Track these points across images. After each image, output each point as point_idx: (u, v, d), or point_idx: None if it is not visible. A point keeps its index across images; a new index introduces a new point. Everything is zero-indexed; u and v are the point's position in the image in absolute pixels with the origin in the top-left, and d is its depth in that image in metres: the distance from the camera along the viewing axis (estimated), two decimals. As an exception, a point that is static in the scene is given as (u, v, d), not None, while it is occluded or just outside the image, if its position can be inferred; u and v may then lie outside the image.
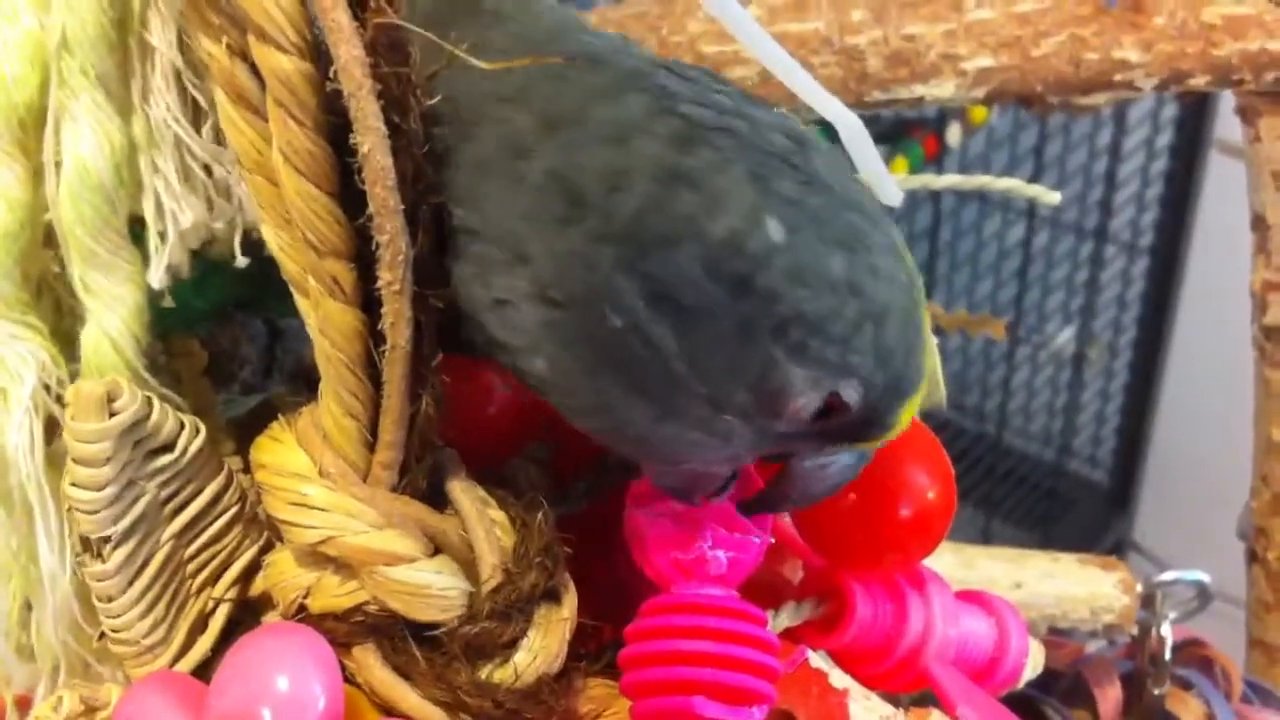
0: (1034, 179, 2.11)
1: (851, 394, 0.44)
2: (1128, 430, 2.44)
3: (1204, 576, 0.87)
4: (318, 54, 0.41)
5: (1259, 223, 0.88)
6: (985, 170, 2.20)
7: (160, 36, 0.45)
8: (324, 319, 0.45)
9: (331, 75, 0.41)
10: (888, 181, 0.58)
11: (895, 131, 1.79)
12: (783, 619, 0.57)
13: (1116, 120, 2.08)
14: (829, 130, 0.63)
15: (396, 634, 0.49)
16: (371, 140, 0.42)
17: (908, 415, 0.46)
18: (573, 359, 0.45)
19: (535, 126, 0.44)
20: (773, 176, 0.43)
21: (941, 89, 0.77)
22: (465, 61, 0.42)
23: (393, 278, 0.44)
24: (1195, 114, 2.07)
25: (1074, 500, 2.46)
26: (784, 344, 0.43)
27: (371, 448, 0.47)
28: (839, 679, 0.55)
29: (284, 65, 0.41)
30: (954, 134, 1.83)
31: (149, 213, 0.47)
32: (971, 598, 0.62)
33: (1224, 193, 2.15)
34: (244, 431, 0.54)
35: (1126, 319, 2.35)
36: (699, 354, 0.43)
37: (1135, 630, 0.88)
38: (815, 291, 0.42)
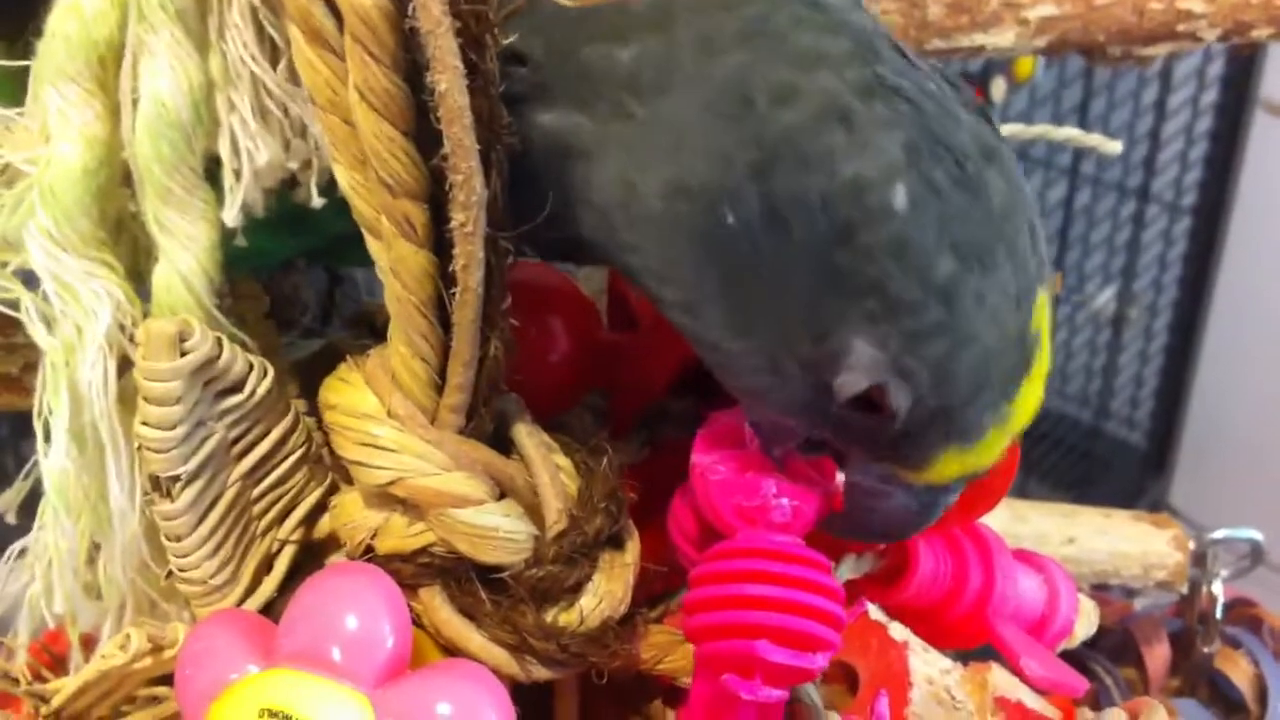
0: (1077, 137, 2.10)
1: (899, 398, 0.43)
2: (1166, 393, 2.42)
3: (1257, 535, 0.86)
4: (396, -10, 0.41)
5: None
6: (1028, 125, 2.18)
7: (236, -29, 0.45)
8: (396, 260, 0.45)
9: (410, 13, 0.41)
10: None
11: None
12: (844, 571, 0.57)
13: (1162, 78, 2.05)
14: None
15: (463, 576, 0.49)
16: (449, 79, 0.41)
17: (953, 468, 0.45)
18: (681, 249, 0.45)
19: (737, 32, 0.45)
20: (931, 158, 0.42)
21: (1002, 38, 0.75)
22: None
23: (466, 219, 0.44)
24: (1242, 72, 2.04)
25: (1110, 462, 2.45)
26: (859, 309, 0.42)
27: (439, 390, 0.47)
28: (899, 631, 0.55)
29: (363, 2, 0.40)
30: (998, 88, 1.81)
31: (224, 151, 0.46)
32: (1022, 557, 0.61)
33: (1269, 152, 2.13)
34: (306, 375, 0.54)
35: (1167, 279, 2.33)
36: (788, 281, 0.43)
37: (1186, 588, 0.87)
38: (908, 276, 0.42)
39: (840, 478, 0.50)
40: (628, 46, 0.46)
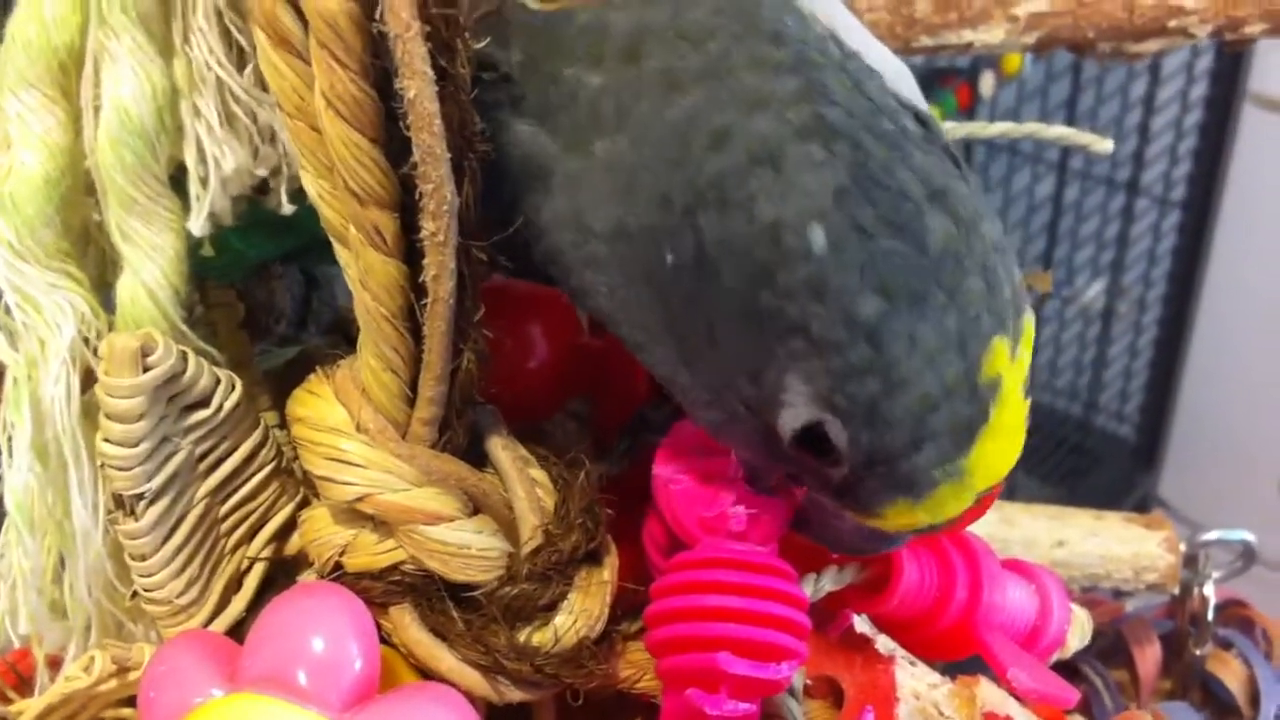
0: (1066, 130, 2.09)
1: (837, 434, 0.42)
2: (1155, 386, 2.42)
3: (1249, 536, 0.85)
4: (363, -6, 0.40)
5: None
6: (1017, 122, 2.18)
7: (200, -26, 0.43)
8: (365, 270, 0.44)
9: (377, 17, 0.40)
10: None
11: (928, 81, 1.77)
12: (825, 583, 0.55)
13: (1151, 72, 2.05)
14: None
15: (434, 594, 0.47)
16: (418, 85, 0.40)
17: (904, 519, 0.44)
18: (628, 290, 0.46)
19: (697, 69, 0.44)
20: (863, 200, 0.41)
21: (991, 34, 0.74)
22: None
23: (436, 228, 0.42)
24: (1231, 66, 2.04)
25: (1100, 456, 2.45)
26: (787, 348, 0.42)
27: (411, 403, 0.46)
28: (885, 644, 0.54)
29: (329, 5, 0.39)
30: (987, 84, 1.80)
31: (190, 158, 0.45)
32: (1014, 566, 0.60)
33: (1257, 146, 2.12)
34: (280, 384, 0.53)
35: (1156, 273, 2.33)
36: (724, 322, 0.43)
37: (1177, 590, 0.86)
38: (830, 316, 0.41)
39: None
40: (598, 73, 0.46)
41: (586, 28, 0.47)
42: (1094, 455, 2.44)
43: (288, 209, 0.46)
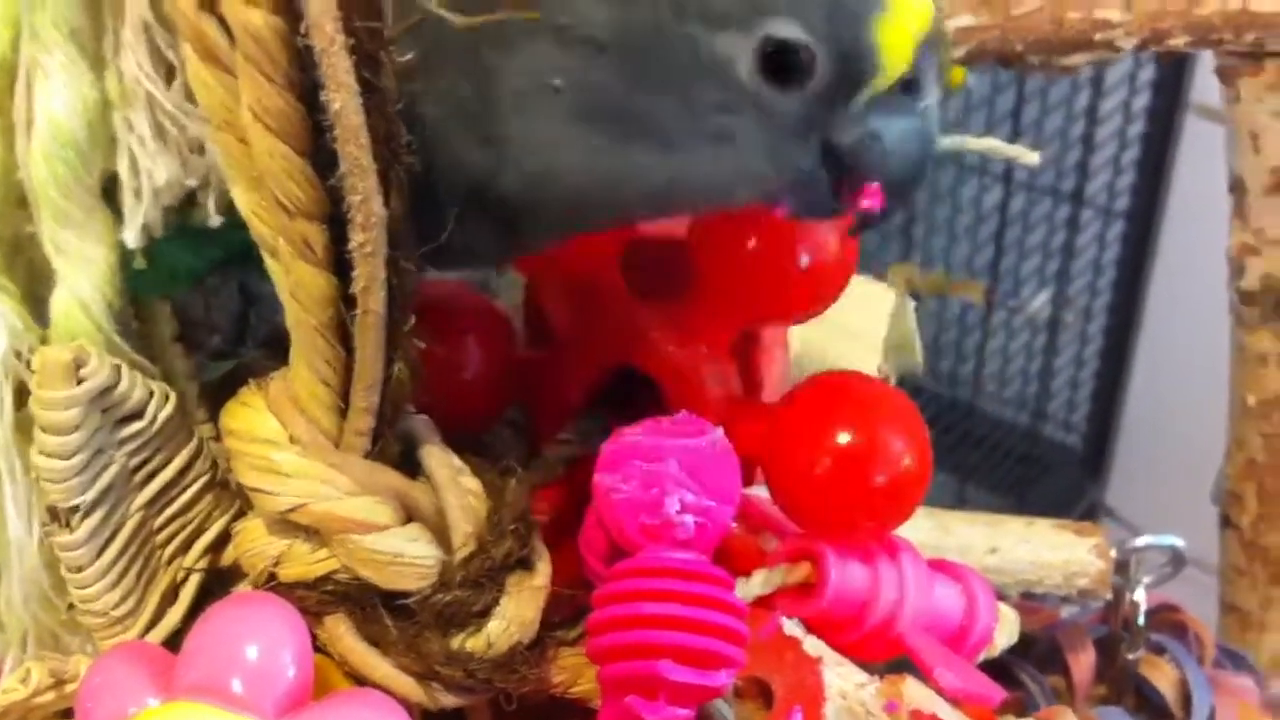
0: (1011, 142, 2.10)
1: (788, 29, 0.44)
2: (1102, 395, 2.44)
3: (1178, 541, 0.86)
4: (288, 8, 0.40)
5: (1237, 185, 0.87)
6: (962, 133, 2.20)
7: (128, -11, 0.44)
8: (295, 282, 0.44)
9: (302, 31, 0.40)
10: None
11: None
12: (755, 586, 0.56)
13: (1094, 84, 2.07)
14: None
15: (368, 603, 0.48)
16: (343, 98, 0.41)
17: (899, 37, 0.45)
18: (577, 124, 0.46)
19: None
20: None
21: None
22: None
23: (365, 240, 0.43)
24: (1173, 77, 2.06)
25: (1049, 465, 2.47)
26: (689, 20, 0.44)
27: (344, 414, 0.47)
28: (813, 646, 0.55)
29: (253, 20, 0.40)
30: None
31: (123, 170, 0.46)
32: (939, 566, 0.61)
33: (1200, 157, 2.15)
34: (216, 397, 0.53)
35: (1102, 283, 2.36)
36: (645, 73, 0.45)
37: (1110, 595, 0.88)
38: None
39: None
40: None
41: None
42: (1042, 464, 2.46)
43: (215, 221, 0.47)
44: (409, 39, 0.43)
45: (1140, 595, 0.86)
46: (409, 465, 0.49)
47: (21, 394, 0.47)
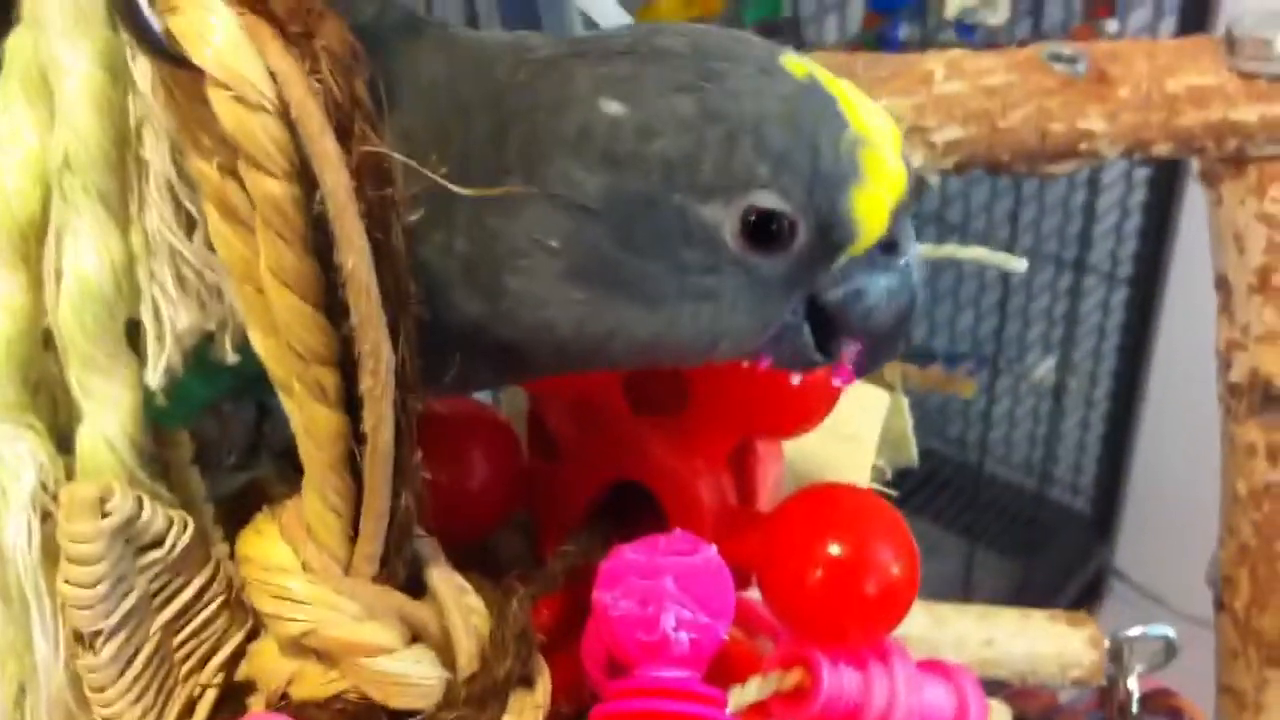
0: (1014, 212, 2.15)
1: (772, 200, 0.47)
2: (1109, 459, 2.46)
3: (1170, 631, 0.89)
4: (305, 176, 0.43)
5: (1222, 283, 0.90)
6: (965, 205, 2.23)
7: (154, 151, 0.47)
8: (308, 420, 0.47)
9: (318, 198, 0.43)
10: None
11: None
12: (750, 692, 0.58)
13: (1095, 154, 2.10)
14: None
15: (376, 721, 0.50)
16: (355, 259, 0.43)
17: (874, 206, 0.47)
18: (570, 282, 0.48)
19: None
20: (605, 67, 0.48)
21: (911, 160, 0.78)
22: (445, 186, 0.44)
23: (374, 384, 0.46)
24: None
25: (1056, 528, 2.49)
26: (677, 191, 0.47)
27: (353, 541, 0.49)
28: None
29: (272, 189, 0.43)
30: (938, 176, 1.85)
31: (147, 318, 0.48)
32: (930, 666, 0.63)
33: (1202, 223, 2.17)
34: (231, 514, 0.55)
35: (1106, 348, 2.38)
36: (634, 237, 0.47)
37: (1105, 682, 0.89)
38: (671, 137, 0.47)
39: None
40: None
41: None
42: (1049, 528, 2.48)
43: (232, 359, 0.49)
44: (417, 201, 0.45)
45: (1133, 683, 0.88)
46: (415, 585, 0.52)
47: (47, 524, 0.49)
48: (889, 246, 0.49)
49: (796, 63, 0.48)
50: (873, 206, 0.48)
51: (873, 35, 1.78)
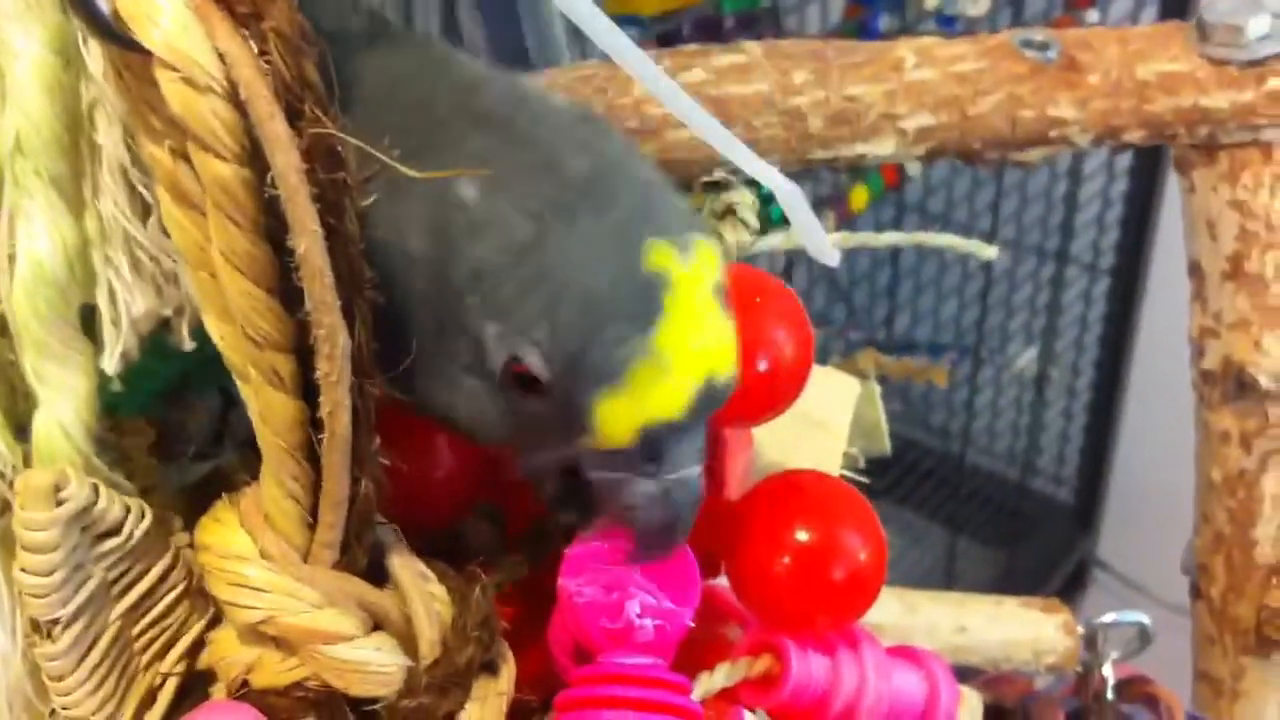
0: (995, 203, 2.15)
1: (533, 360, 0.47)
2: (1091, 449, 2.47)
3: (1144, 618, 0.89)
4: (256, 158, 0.43)
5: (1195, 270, 0.90)
6: (947, 195, 2.23)
7: (106, 135, 0.46)
8: (265, 407, 0.46)
9: (269, 180, 0.43)
10: (824, 242, 0.60)
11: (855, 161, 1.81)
12: (719, 679, 0.58)
13: (1076, 145, 2.10)
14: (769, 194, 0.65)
15: (336, 708, 0.50)
16: (307, 242, 0.43)
17: (622, 417, 0.47)
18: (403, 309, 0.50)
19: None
20: (491, 149, 0.48)
21: (882, 147, 0.78)
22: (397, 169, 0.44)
23: (330, 369, 0.45)
24: (1154, 137, 2.09)
25: (1039, 519, 2.49)
26: (475, 295, 0.47)
27: (312, 528, 0.49)
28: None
29: (223, 172, 0.42)
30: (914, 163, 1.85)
31: (103, 303, 0.48)
32: (901, 653, 0.63)
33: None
34: (192, 503, 0.55)
35: (1088, 339, 2.38)
36: (440, 312, 0.49)
37: (1080, 668, 0.90)
38: (496, 249, 0.47)
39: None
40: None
41: None
42: (1032, 518, 2.48)
43: (189, 345, 0.49)
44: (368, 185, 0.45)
45: (1108, 670, 0.88)
46: (376, 574, 0.51)
47: (2, 512, 0.49)
48: (653, 458, 0.49)
49: (665, 253, 0.47)
50: (618, 417, 0.47)
51: (853, 26, 1.77)
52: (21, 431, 0.50)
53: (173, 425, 0.58)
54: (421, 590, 0.51)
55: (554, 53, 0.97)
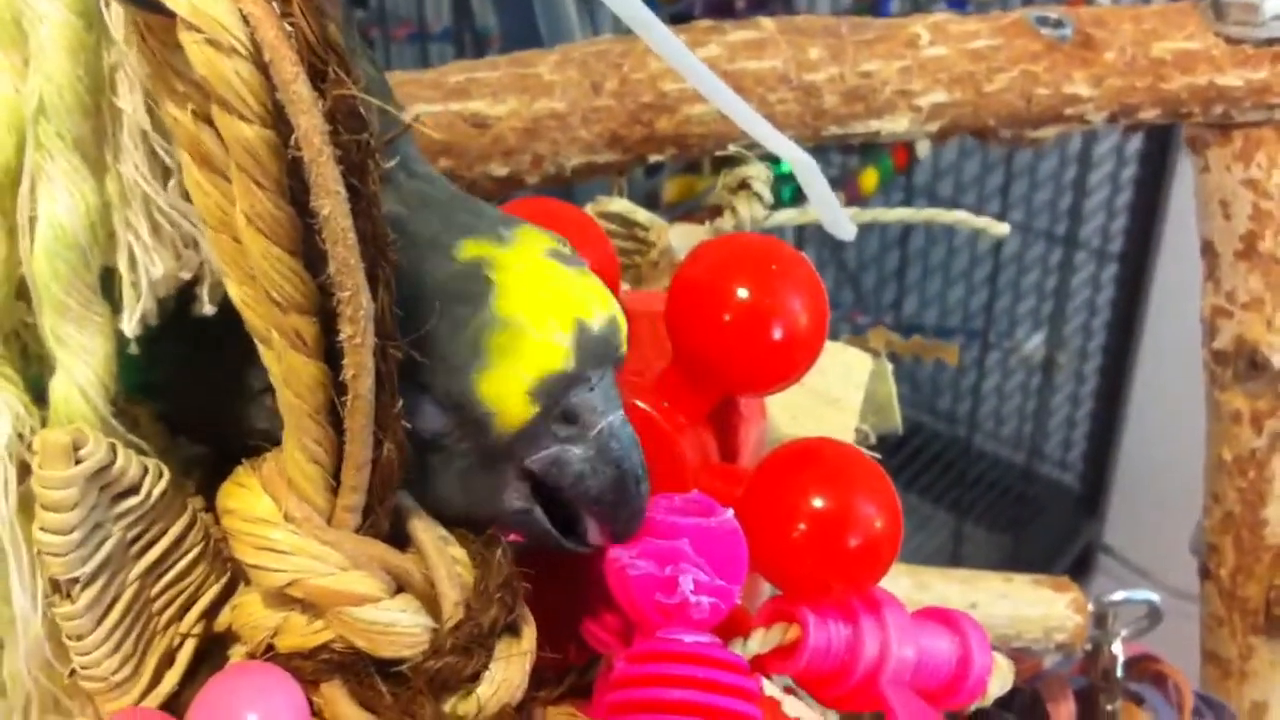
0: (1005, 187, 2.15)
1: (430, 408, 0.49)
2: (1097, 434, 2.46)
3: (1154, 596, 0.89)
4: (279, 120, 0.43)
5: (1208, 250, 0.90)
6: (956, 179, 2.23)
7: (128, 98, 0.46)
8: (287, 371, 0.47)
9: (293, 142, 0.43)
10: (841, 216, 0.61)
11: (866, 142, 1.81)
12: (752, 646, 0.58)
13: (1086, 129, 2.10)
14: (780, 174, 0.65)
15: (362, 670, 0.50)
16: (331, 204, 0.43)
17: (497, 386, 0.49)
18: None
19: None
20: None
21: (896, 124, 0.78)
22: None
23: (354, 332, 0.45)
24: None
25: (1045, 504, 2.49)
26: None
27: (335, 492, 0.49)
28: (792, 707, 0.57)
29: (246, 133, 0.42)
30: (924, 145, 1.85)
31: (123, 265, 0.48)
32: (935, 615, 0.63)
33: (1193, 199, 2.17)
34: (207, 469, 0.55)
35: (1096, 324, 2.38)
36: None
37: (1089, 646, 0.90)
38: None
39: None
40: None
41: None
42: (1039, 503, 2.48)
43: (209, 309, 0.49)
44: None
45: (1118, 648, 0.88)
46: (398, 538, 0.51)
47: (23, 473, 0.49)
48: (568, 418, 0.50)
49: (477, 244, 0.50)
50: (503, 388, 0.49)
51: (866, 6, 1.78)
52: (40, 397, 0.50)
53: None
54: (443, 553, 0.51)
55: (565, 29, 0.97)
